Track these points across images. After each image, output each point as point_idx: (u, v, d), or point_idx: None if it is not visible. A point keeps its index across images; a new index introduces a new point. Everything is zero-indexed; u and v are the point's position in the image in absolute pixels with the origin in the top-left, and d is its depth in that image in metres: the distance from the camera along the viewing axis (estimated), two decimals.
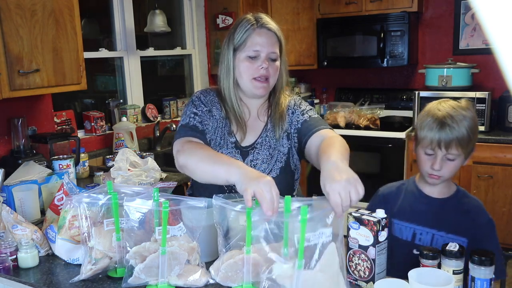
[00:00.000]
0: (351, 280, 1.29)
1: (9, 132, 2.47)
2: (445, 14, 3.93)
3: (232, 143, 1.58)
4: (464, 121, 1.42)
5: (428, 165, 1.46)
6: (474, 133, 1.44)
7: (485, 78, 3.71)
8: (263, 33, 1.51)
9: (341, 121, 3.90)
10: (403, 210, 1.56)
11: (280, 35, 1.54)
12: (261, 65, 1.50)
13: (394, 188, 1.63)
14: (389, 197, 1.61)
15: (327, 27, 4.05)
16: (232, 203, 1.21)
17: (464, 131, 1.41)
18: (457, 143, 1.41)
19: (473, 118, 1.45)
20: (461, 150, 1.43)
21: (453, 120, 1.42)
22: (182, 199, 1.27)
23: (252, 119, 1.62)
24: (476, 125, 1.46)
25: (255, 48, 1.50)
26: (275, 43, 1.53)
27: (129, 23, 3.35)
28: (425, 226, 1.50)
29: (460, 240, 1.45)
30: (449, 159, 1.44)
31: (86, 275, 1.29)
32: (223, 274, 1.21)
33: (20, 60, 2.13)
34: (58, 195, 1.59)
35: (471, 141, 1.44)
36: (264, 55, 1.51)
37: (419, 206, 1.53)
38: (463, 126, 1.42)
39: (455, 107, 1.46)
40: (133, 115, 3.30)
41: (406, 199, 1.57)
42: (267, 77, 1.52)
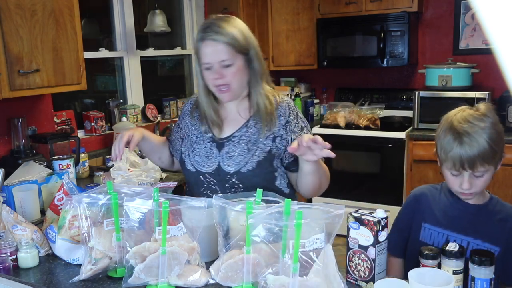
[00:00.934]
0: (351, 280, 1.29)
1: (9, 132, 2.47)
2: (445, 14, 3.93)
3: (209, 138, 1.63)
4: (483, 134, 1.31)
5: (457, 184, 1.38)
6: (497, 142, 1.33)
7: (485, 78, 3.70)
8: (208, 45, 1.50)
9: (341, 121, 3.90)
10: (436, 214, 1.47)
11: (230, 39, 1.49)
12: (214, 76, 1.52)
13: (426, 191, 1.53)
14: (420, 199, 1.52)
15: (327, 27, 4.05)
16: (232, 203, 1.21)
17: (486, 145, 1.31)
18: (481, 161, 1.31)
19: (493, 125, 1.34)
20: (488, 165, 1.33)
21: (471, 138, 1.32)
22: (182, 199, 1.27)
23: (233, 115, 1.64)
24: (498, 132, 1.34)
25: (206, 61, 1.52)
26: (223, 50, 1.49)
27: (129, 23, 3.35)
28: (460, 233, 1.40)
29: (494, 249, 1.36)
30: (476, 176, 1.35)
31: (86, 275, 1.29)
32: (223, 274, 1.21)
33: (20, 60, 2.13)
34: (58, 195, 1.59)
35: (496, 152, 1.33)
36: (216, 66, 1.51)
37: (454, 211, 1.44)
38: (484, 140, 1.31)
39: (471, 120, 1.35)
40: (133, 115, 3.31)
41: (440, 204, 1.47)
42: (226, 84, 1.53)
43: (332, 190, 3.95)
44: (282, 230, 1.12)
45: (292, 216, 1.09)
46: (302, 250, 1.08)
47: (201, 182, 1.61)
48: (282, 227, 1.12)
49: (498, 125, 1.36)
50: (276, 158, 1.61)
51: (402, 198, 3.69)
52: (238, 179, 1.56)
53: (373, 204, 3.61)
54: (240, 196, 1.28)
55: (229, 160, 1.57)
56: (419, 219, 1.49)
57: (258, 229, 1.15)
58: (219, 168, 1.58)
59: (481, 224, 1.40)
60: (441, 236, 1.43)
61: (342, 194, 3.89)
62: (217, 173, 1.58)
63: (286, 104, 1.63)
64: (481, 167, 1.33)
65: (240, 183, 1.57)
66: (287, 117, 1.60)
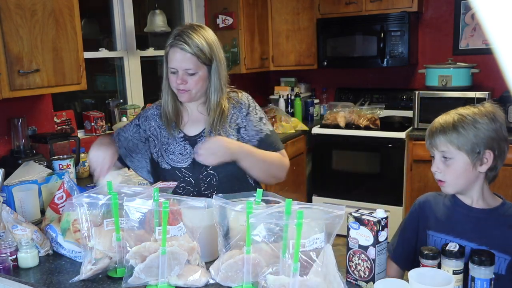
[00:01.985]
0: (351, 280, 1.29)
1: (9, 132, 2.47)
2: (445, 14, 3.93)
3: (180, 138, 1.73)
4: (458, 120, 1.32)
5: (432, 168, 1.39)
6: (473, 132, 1.31)
7: (485, 78, 3.70)
8: (177, 52, 1.61)
9: (341, 121, 3.90)
10: (439, 220, 1.42)
11: (196, 51, 1.59)
12: (178, 82, 1.64)
13: (430, 197, 1.49)
14: (424, 206, 1.48)
15: (327, 27, 4.05)
16: (232, 203, 1.21)
17: (454, 129, 1.32)
18: (446, 140, 1.32)
19: (477, 119, 1.32)
20: (452, 147, 1.32)
21: (445, 122, 1.35)
22: (182, 199, 1.27)
23: (195, 114, 1.76)
24: (484, 126, 1.31)
25: (172, 65, 1.64)
26: (189, 60, 1.60)
27: (129, 23, 3.35)
28: (463, 238, 1.34)
29: (503, 257, 1.30)
30: (446, 158, 1.35)
31: (86, 275, 1.29)
32: (223, 274, 1.21)
33: (20, 60, 2.13)
34: (58, 194, 1.59)
35: (467, 139, 1.31)
36: (181, 72, 1.63)
37: (456, 215, 1.39)
38: (456, 124, 1.32)
39: (460, 111, 1.36)
40: (133, 115, 3.30)
41: (444, 210, 1.43)
42: (187, 90, 1.65)
43: (332, 190, 4.00)
44: (282, 230, 1.12)
45: (292, 216, 1.09)
46: (302, 250, 1.08)
47: (177, 176, 1.70)
48: (282, 226, 1.12)
49: (487, 122, 1.32)
50: None
51: (402, 198, 3.70)
52: (213, 169, 1.67)
53: (373, 204, 3.61)
54: (240, 196, 1.28)
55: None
56: (423, 226, 1.45)
57: (258, 229, 1.15)
58: (194, 162, 1.67)
59: (487, 230, 1.33)
60: (444, 242, 1.36)
61: (342, 194, 3.90)
62: (192, 167, 1.69)
63: (245, 97, 1.77)
64: (444, 147, 1.33)
65: (216, 172, 1.67)
66: (247, 109, 1.73)
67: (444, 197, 1.45)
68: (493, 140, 1.32)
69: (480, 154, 1.32)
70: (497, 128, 1.32)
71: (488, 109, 1.34)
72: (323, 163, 4.00)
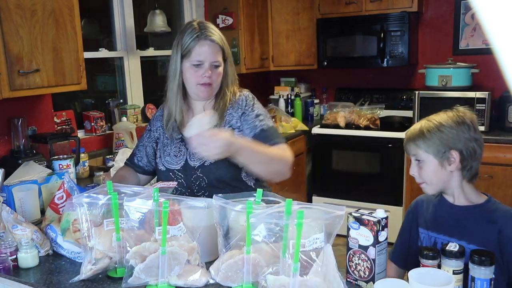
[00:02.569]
0: (351, 280, 1.29)
1: (9, 132, 2.47)
2: (445, 14, 3.93)
3: (178, 139, 1.74)
4: (424, 126, 1.45)
5: (411, 174, 1.52)
6: (436, 135, 1.42)
7: (485, 78, 3.70)
8: (206, 44, 1.63)
9: (341, 121, 3.90)
10: (428, 219, 1.51)
11: (222, 44, 1.66)
12: (204, 74, 1.64)
13: (424, 197, 1.58)
14: (417, 206, 1.58)
15: (327, 27, 4.05)
16: (232, 203, 1.21)
17: (420, 131, 1.45)
18: (415, 145, 1.45)
19: (441, 122, 1.43)
20: (420, 150, 1.44)
21: (414, 129, 1.48)
22: (182, 199, 1.27)
23: (198, 113, 1.74)
24: (446, 129, 1.42)
25: (199, 58, 1.63)
26: (218, 52, 1.65)
27: (129, 23, 3.35)
28: (445, 234, 1.43)
29: None
30: (419, 161, 1.47)
31: (86, 275, 1.29)
32: (223, 274, 1.21)
33: (20, 60, 2.13)
34: (58, 194, 1.59)
35: (431, 142, 1.42)
36: (208, 64, 1.64)
37: (440, 213, 1.49)
38: (421, 127, 1.45)
39: (428, 118, 1.49)
40: (133, 115, 3.30)
41: (433, 208, 1.52)
42: (210, 83, 1.66)
43: (332, 190, 4.00)
44: (283, 230, 1.12)
45: (293, 216, 1.09)
46: (302, 250, 1.08)
47: (171, 178, 1.71)
48: (283, 226, 1.12)
49: (450, 125, 1.42)
50: None
51: (402, 198, 3.70)
52: (202, 172, 1.67)
53: (373, 204, 3.61)
54: (240, 196, 1.28)
55: (194, 156, 1.68)
56: (416, 225, 1.54)
57: (259, 229, 1.15)
58: (186, 163, 1.70)
59: (467, 226, 1.41)
60: (431, 239, 1.48)
61: (342, 194, 3.90)
62: (184, 169, 1.70)
63: (243, 97, 1.74)
64: (413, 150, 1.47)
65: (204, 176, 1.68)
66: (243, 108, 1.71)
67: (434, 197, 1.54)
68: (458, 141, 1.41)
69: (446, 154, 1.42)
70: (462, 129, 1.42)
71: (458, 113, 1.45)
72: (323, 163, 4.00)
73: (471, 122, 1.43)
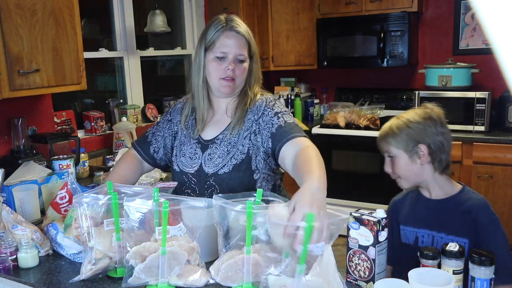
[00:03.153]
0: (351, 280, 1.29)
1: (9, 132, 2.47)
2: (445, 14, 3.93)
3: (195, 140, 1.67)
4: (392, 124, 1.54)
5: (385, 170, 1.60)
6: (403, 131, 1.51)
7: (485, 78, 3.70)
8: (231, 36, 1.56)
9: (341, 121, 3.89)
10: (408, 215, 1.57)
11: (249, 37, 1.60)
12: (228, 67, 1.56)
13: (402, 196, 1.65)
14: (397, 203, 1.64)
15: (327, 27, 4.05)
16: (232, 203, 1.21)
17: (390, 132, 1.53)
18: (386, 142, 1.55)
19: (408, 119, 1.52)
20: (391, 147, 1.53)
21: (384, 128, 1.58)
22: (182, 199, 1.27)
23: (219, 115, 1.67)
24: (412, 125, 1.50)
25: (223, 50, 1.56)
26: (243, 46, 1.58)
27: (129, 23, 3.35)
28: (426, 228, 1.51)
29: (462, 241, 1.42)
30: (391, 157, 1.55)
31: (86, 275, 1.29)
32: (223, 274, 1.21)
33: (20, 60, 2.13)
34: (60, 194, 1.59)
35: (400, 138, 1.51)
36: (232, 57, 1.57)
37: (419, 209, 1.55)
38: (391, 125, 1.55)
39: (397, 116, 1.58)
40: (133, 115, 3.31)
41: (410, 205, 1.59)
42: (233, 78, 1.58)
43: (332, 190, 3.97)
44: None
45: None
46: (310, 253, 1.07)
47: (184, 181, 1.65)
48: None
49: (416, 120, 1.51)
50: (254, 158, 1.60)
51: None
52: (215, 180, 1.59)
53: (373, 204, 3.60)
54: (240, 196, 1.28)
55: (209, 162, 1.62)
56: (397, 223, 1.58)
57: (259, 229, 1.15)
58: (201, 168, 1.62)
59: (444, 218, 1.48)
60: (412, 234, 1.54)
61: (342, 194, 3.89)
62: (198, 174, 1.63)
63: (263, 99, 1.64)
64: (384, 147, 1.56)
65: (217, 185, 1.60)
66: (262, 110, 1.61)
67: (411, 193, 1.62)
68: (425, 136, 1.50)
69: (415, 149, 1.50)
70: (429, 124, 1.50)
71: (425, 109, 1.54)
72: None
73: (437, 117, 1.52)
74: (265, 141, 1.58)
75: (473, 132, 3.42)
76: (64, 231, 1.46)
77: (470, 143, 3.35)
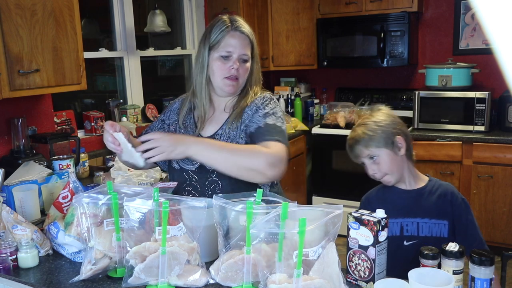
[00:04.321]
0: (351, 280, 1.29)
1: (9, 132, 2.47)
2: (445, 14, 3.93)
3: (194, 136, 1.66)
4: (363, 128, 1.60)
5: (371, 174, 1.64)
6: (377, 129, 1.57)
7: (485, 78, 3.70)
8: (236, 36, 1.60)
9: (341, 121, 3.90)
10: (387, 209, 1.51)
11: (252, 38, 1.65)
12: (232, 66, 1.59)
13: (374, 192, 1.73)
14: (371, 200, 1.70)
15: (327, 27, 4.05)
16: (232, 203, 1.21)
17: (364, 135, 1.58)
18: (363, 147, 1.59)
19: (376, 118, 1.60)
20: (371, 148, 1.58)
21: (355, 135, 1.62)
22: (182, 199, 1.27)
23: (218, 112, 1.69)
24: (382, 122, 1.59)
25: (228, 49, 1.59)
26: (247, 46, 1.62)
27: (129, 23, 3.35)
28: (409, 217, 1.59)
29: (442, 223, 1.56)
30: (372, 158, 1.60)
31: (86, 275, 1.29)
32: (223, 274, 1.21)
33: (20, 60, 2.13)
34: (63, 193, 1.59)
35: (377, 136, 1.57)
36: (236, 56, 1.60)
37: (399, 200, 1.63)
38: (364, 131, 1.59)
39: (360, 122, 1.65)
40: (133, 115, 3.31)
41: (388, 199, 1.65)
42: (237, 77, 1.61)
43: (332, 190, 4.00)
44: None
45: (291, 218, 1.09)
46: (306, 259, 1.07)
47: (184, 179, 1.64)
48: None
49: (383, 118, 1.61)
50: None
51: None
52: (217, 176, 1.60)
53: None
54: (240, 196, 1.28)
55: None
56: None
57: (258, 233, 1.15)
58: (202, 165, 1.60)
59: (425, 204, 1.59)
60: (396, 225, 1.60)
61: (342, 194, 3.89)
62: (199, 171, 1.62)
63: (261, 96, 1.66)
64: (365, 152, 1.60)
65: (219, 180, 1.60)
66: (257, 106, 1.62)
67: (380, 189, 1.70)
68: (396, 126, 1.61)
69: (394, 142, 1.58)
70: (392, 119, 1.62)
71: (377, 109, 1.66)
72: (323, 163, 3.99)
73: (391, 112, 1.66)
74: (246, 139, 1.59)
75: (473, 132, 3.42)
76: (65, 229, 1.46)
77: (470, 143, 3.35)
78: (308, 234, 1.05)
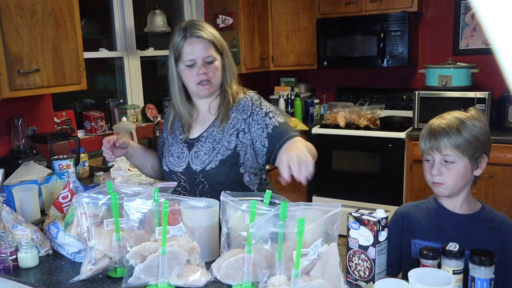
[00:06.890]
0: (351, 280, 1.29)
1: (9, 132, 2.47)
2: (445, 14, 3.93)
3: (182, 140, 1.73)
4: (460, 125, 1.37)
5: (429, 172, 1.41)
6: (475, 137, 1.36)
7: (485, 78, 3.70)
8: (193, 42, 1.60)
9: (341, 121, 3.90)
10: (425, 229, 1.44)
11: (213, 38, 1.63)
12: (199, 72, 1.61)
13: (412, 207, 1.52)
14: (407, 215, 1.50)
15: (327, 27, 4.05)
16: (238, 201, 1.21)
17: (458, 133, 1.36)
18: (451, 144, 1.36)
19: (475, 124, 1.38)
20: (457, 151, 1.36)
21: (448, 126, 1.38)
22: (182, 199, 1.27)
23: (203, 113, 1.73)
24: (481, 131, 1.37)
25: (190, 58, 1.61)
26: (208, 47, 1.62)
27: (129, 23, 3.35)
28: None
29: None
30: (447, 162, 1.38)
31: (86, 275, 1.29)
32: (223, 272, 1.21)
33: (20, 60, 2.13)
34: (63, 193, 1.59)
35: (470, 144, 1.36)
36: (200, 62, 1.61)
37: (442, 222, 1.43)
38: (460, 129, 1.37)
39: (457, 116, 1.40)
40: (133, 115, 3.31)
41: (428, 218, 1.46)
42: (208, 80, 1.63)
43: (332, 190, 4.00)
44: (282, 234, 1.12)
45: (289, 219, 1.09)
46: (306, 259, 1.07)
47: (174, 180, 1.68)
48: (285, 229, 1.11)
49: (481, 126, 1.38)
50: (243, 155, 1.66)
51: (402, 198, 3.70)
52: (203, 177, 1.65)
53: (373, 204, 3.61)
54: (247, 195, 1.28)
55: (196, 159, 1.67)
56: (407, 236, 1.47)
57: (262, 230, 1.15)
58: (188, 167, 1.67)
59: (472, 234, 1.38)
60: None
61: (342, 194, 3.89)
62: (186, 172, 1.68)
63: (248, 98, 1.69)
64: (449, 151, 1.36)
65: (206, 181, 1.65)
66: (250, 109, 1.66)
67: (426, 206, 1.49)
68: (488, 145, 1.40)
69: (478, 159, 1.39)
70: (489, 133, 1.40)
71: (477, 115, 1.41)
72: (323, 163, 3.99)
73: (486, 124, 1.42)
74: (257, 140, 1.64)
75: None
76: (65, 229, 1.46)
77: None
78: (306, 233, 1.05)
